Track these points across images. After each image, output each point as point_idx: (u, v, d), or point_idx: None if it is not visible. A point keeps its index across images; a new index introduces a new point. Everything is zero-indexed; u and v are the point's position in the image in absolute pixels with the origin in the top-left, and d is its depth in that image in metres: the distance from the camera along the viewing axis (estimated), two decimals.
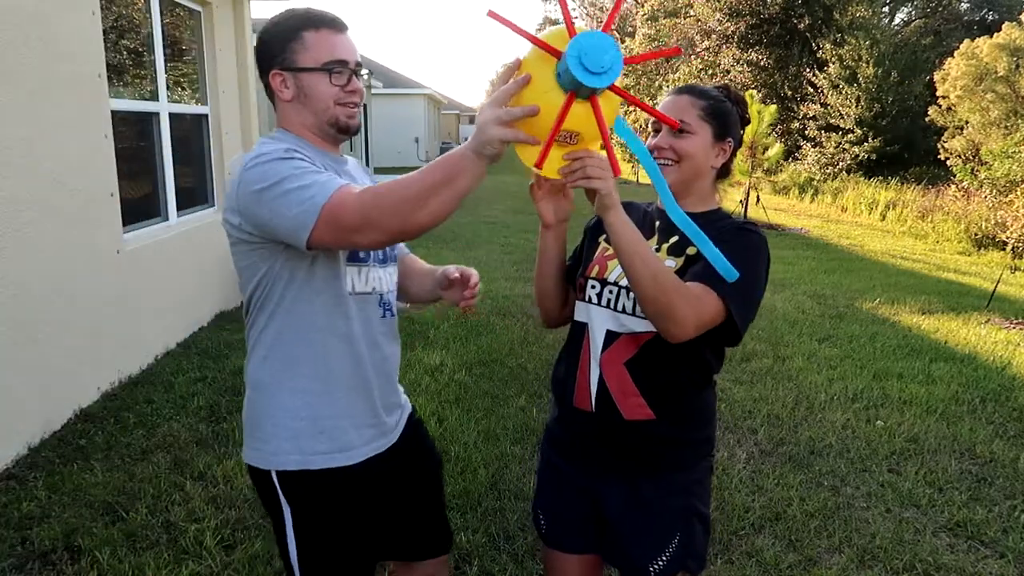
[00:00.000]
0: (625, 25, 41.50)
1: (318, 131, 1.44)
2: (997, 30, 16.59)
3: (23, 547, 2.59)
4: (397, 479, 1.60)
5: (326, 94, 1.39)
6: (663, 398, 1.48)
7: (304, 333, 1.41)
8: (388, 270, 1.56)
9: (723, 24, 21.83)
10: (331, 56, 1.38)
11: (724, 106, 1.52)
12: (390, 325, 1.56)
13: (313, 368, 1.42)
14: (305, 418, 1.43)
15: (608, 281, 1.53)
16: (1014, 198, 7.69)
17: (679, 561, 1.50)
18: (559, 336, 1.73)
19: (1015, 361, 5.03)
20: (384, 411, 1.54)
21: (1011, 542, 2.78)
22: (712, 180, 1.56)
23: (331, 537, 1.49)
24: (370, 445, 1.50)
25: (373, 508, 1.55)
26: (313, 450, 1.43)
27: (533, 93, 1.12)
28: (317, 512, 1.48)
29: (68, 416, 3.64)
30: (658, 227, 1.57)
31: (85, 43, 3.87)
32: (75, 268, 3.74)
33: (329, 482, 1.45)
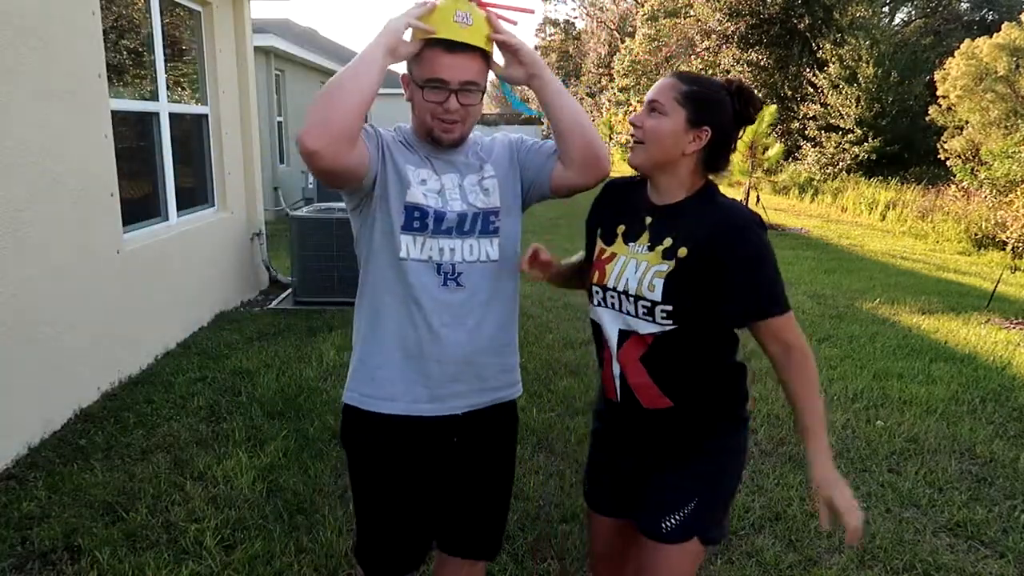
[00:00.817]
0: (625, 25, 41.51)
1: (422, 134, 1.60)
2: (997, 30, 16.59)
3: (23, 547, 2.59)
4: (447, 452, 1.65)
5: (423, 108, 1.53)
6: (679, 387, 1.58)
7: (370, 288, 1.60)
8: (468, 242, 1.58)
9: (723, 24, 21.82)
10: (431, 74, 1.50)
11: (710, 94, 1.53)
12: (459, 296, 1.58)
13: (372, 320, 1.60)
14: (362, 363, 1.62)
15: (607, 287, 1.61)
16: (1014, 198, 7.70)
17: (693, 525, 1.58)
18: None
19: (1015, 361, 5.03)
20: (444, 377, 1.59)
21: (1011, 542, 2.78)
22: (692, 169, 1.56)
23: (374, 477, 1.66)
24: (418, 404, 1.59)
25: (416, 466, 1.64)
26: (362, 392, 1.62)
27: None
28: (362, 451, 1.66)
29: (68, 416, 3.64)
30: (649, 224, 1.59)
31: (85, 43, 3.87)
32: (75, 268, 3.74)
33: (373, 425, 1.61)
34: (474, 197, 1.60)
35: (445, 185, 1.58)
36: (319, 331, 5.20)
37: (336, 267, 5.84)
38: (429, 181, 1.56)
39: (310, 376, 4.29)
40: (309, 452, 3.34)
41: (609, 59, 40.99)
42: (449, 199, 1.57)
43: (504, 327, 1.66)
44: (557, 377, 4.40)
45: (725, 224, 1.50)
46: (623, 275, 1.57)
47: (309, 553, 2.58)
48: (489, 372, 1.64)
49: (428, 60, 1.49)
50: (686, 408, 1.59)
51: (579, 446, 3.49)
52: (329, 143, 1.38)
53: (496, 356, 1.65)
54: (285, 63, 13.00)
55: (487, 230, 1.60)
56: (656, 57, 30.25)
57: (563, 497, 3.01)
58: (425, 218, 1.54)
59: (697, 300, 1.50)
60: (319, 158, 1.38)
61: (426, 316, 1.56)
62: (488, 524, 1.76)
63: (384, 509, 1.66)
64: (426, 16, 1.48)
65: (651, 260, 1.54)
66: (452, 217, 1.56)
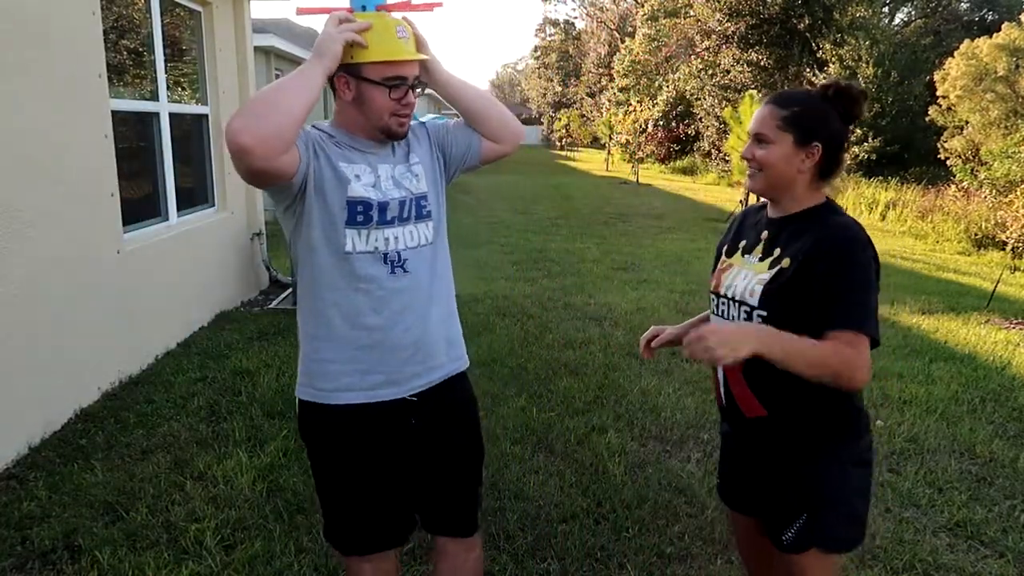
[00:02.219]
0: (625, 25, 41.52)
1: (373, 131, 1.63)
2: (997, 30, 16.59)
3: (23, 546, 2.59)
4: (410, 433, 1.70)
5: (383, 105, 1.58)
6: (775, 397, 1.62)
7: (315, 286, 1.63)
8: (407, 228, 1.65)
9: (723, 24, 21.82)
10: (393, 72, 1.57)
11: (810, 112, 1.59)
12: (406, 281, 1.65)
13: (320, 316, 1.63)
14: (314, 359, 1.66)
15: (721, 294, 1.71)
16: (1014, 198, 7.69)
17: (808, 537, 1.63)
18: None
19: (1015, 361, 5.03)
20: (400, 361, 1.65)
21: (1011, 542, 2.78)
22: (808, 182, 1.62)
23: (334, 469, 1.71)
24: (377, 391, 1.65)
25: (379, 451, 1.69)
26: (318, 386, 1.66)
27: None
28: (324, 443, 1.70)
29: (68, 416, 3.64)
30: (765, 238, 1.67)
31: (85, 43, 3.87)
32: (75, 268, 3.74)
33: (333, 417, 1.66)
34: (408, 183, 1.68)
35: (380, 176, 1.64)
36: None
37: None
38: (363, 175, 1.62)
39: None
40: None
41: (609, 59, 40.97)
42: (385, 189, 1.63)
43: (446, 303, 1.76)
44: (557, 377, 4.40)
45: (828, 240, 1.53)
46: (734, 283, 1.68)
47: (309, 553, 2.58)
48: (439, 349, 1.73)
49: (386, 64, 1.56)
50: (782, 419, 1.63)
51: (579, 446, 3.49)
52: (265, 142, 1.39)
53: (443, 332, 1.74)
54: (285, 63, 13.00)
55: (421, 214, 1.68)
56: (656, 57, 30.25)
57: (563, 497, 3.01)
58: (369, 210, 1.60)
59: (793, 309, 1.54)
60: (253, 157, 1.39)
61: (377, 305, 1.61)
62: (463, 498, 1.82)
63: (350, 494, 1.72)
64: (365, 35, 1.54)
65: (757, 269, 1.64)
66: (394, 206, 1.63)
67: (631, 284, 7.23)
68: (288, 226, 1.64)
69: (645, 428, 3.73)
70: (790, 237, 1.60)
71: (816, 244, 1.53)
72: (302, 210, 1.58)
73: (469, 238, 9.93)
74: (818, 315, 1.50)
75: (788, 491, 1.65)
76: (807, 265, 1.53)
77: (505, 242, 9.71)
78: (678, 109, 26.91)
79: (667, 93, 26.89)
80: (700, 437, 3.62)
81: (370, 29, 1.55)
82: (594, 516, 2.88)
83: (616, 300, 6.45)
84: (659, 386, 4.30)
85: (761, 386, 1.62)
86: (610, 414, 3.87)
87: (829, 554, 1.65)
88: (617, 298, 6.53)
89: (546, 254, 8.83)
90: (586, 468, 3.27)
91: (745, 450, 1.78)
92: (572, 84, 52.43)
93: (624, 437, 3.61)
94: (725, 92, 22.25)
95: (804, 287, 1.52)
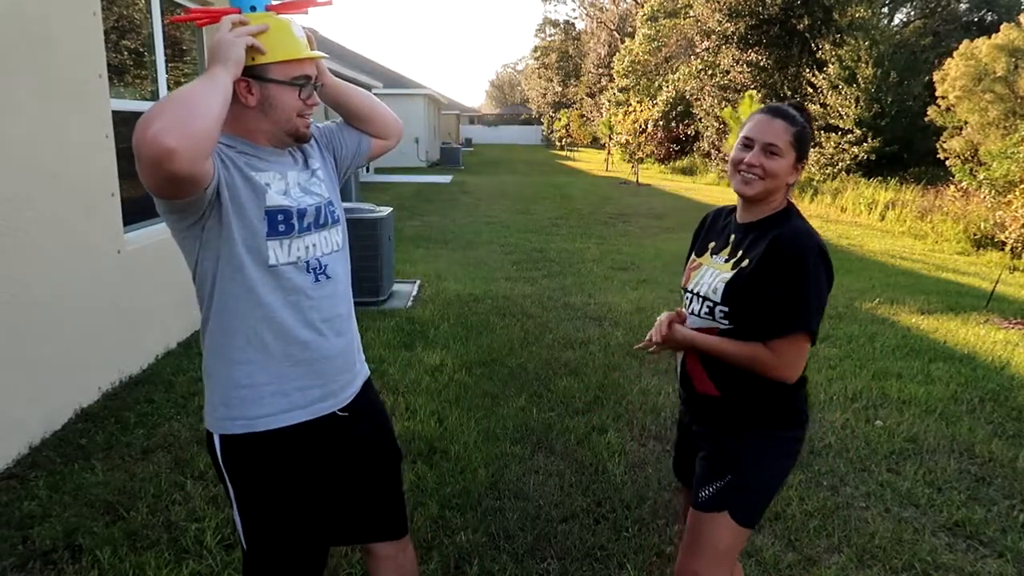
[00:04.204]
0: (625, 25, 41.54)
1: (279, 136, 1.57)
2: (996, 31, 16.60)
3: (24, 546, 2.59)
4: (343, 444, 1.68)
5: (291, 106, 1.53)
6: (727, 380, 1.77)
7: (233, 307, 1.51)
8: (323, 234, 1.62)
9: (723, 24, 21.82)
10: (299, 72, 1.53)
11: (806, 131, 1.75)
12: (329, 288, 1.62)
13: (246, 339, 1.53)
14: (247, 386, 1.54)
15: (689, 290, 1.86)
16: (1013, 198, 7.69)
17: (724, 498, 1.75)
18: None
19: (1014, 361, 5.04)
20: (333, 371, 1.63)
21: (1010, 541, 2.79)
22: (785, 193, 1.80)
23: (271, 502, 1.59)
24: (315, 405, 1.60)
25: (317, 472, 1.63)
26: (251, 415, 1.54)
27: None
28: (258, 474, 1.58)
29: (69, 416, 3.65)
30: (732, 240, 1.81)
31: (86, 43, 3.88)
32: (76, 268, 3.74)
33: (268, 444, 1.55)
34: (316, 188, 1.65)
35: (288, 183, 1.59)
36: None
37: None
38: (274, 183, 1.55)
39: None
40: None
41: (609, 59, 41.00)
42: (295, 196, 1.58)
43: (353, 307, 1.75)
44: (557, 377, 4.40)
45: (781, 244, 1.67)
46: (701, 280, 1.82)
47: None
48: (356, 355, 1.74)
49: (291, 63, 1.52)
50: (731, 399, 1.78)
51: (579, 446, 3.49)
52: (193, 143, 1.27)
53: (357, 337, 1.75)
54: None
55: (332, 219, 1.66)
56: (656, 57, 30.28)
57: (563, 497, 3.02)
58: (290, 219, 1.54)
59: (749, 305, 1.70)
60: (178, 160, 1.26)
61: (307, 316, 1.57)
62: (394, 501, 1.82)
63: (280, 528, 1.61)
64: (264, 37, 1.49)
65: (722, 269, 1.78)
66: (311, 212, 1.59)
67: (631, 284, 7.23)
68: (192, 247, 1.51)
69: (645, 428, 3.74)
70: (753, 241, 1.75)
71: (769, 248, 1.67)
72: (216, 225, 1.46)
73: (469, 238, 9.93)
74: (768, 319, 1.66)
75: (720, 457, 1.79)
76: (760, 265, 1.68)
77: (505, 242, 9.71)
78: (678, 109, 26.92)
79: (667, 93, 26.89)
80: None
81: (267, 30, 1.51)
82: (594, 516, 2.89)
83: (616, 300, 6.45)
84: (659, 386, 4.30)
85: (715, 368, 1.78)
86: (610, 414, 3.88)
87: (736, 524, 1.74)
88: (617, 298, 6.54)
89: (546, 254, 8.84)
90: (586, 468, 3.28)
91: (691, 424, 1.92)
92: (572, 84, 52.44)
93: (624, 437, 3.61)
94: (725, 92, 22.27)
95: (758, 287, 1.68)
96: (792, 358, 1.67)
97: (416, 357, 4.67)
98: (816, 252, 1.65)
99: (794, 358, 1.67)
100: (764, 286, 1.67)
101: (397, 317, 5.63)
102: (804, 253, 1.65)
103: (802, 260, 1.64)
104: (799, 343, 1.66)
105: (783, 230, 1.70)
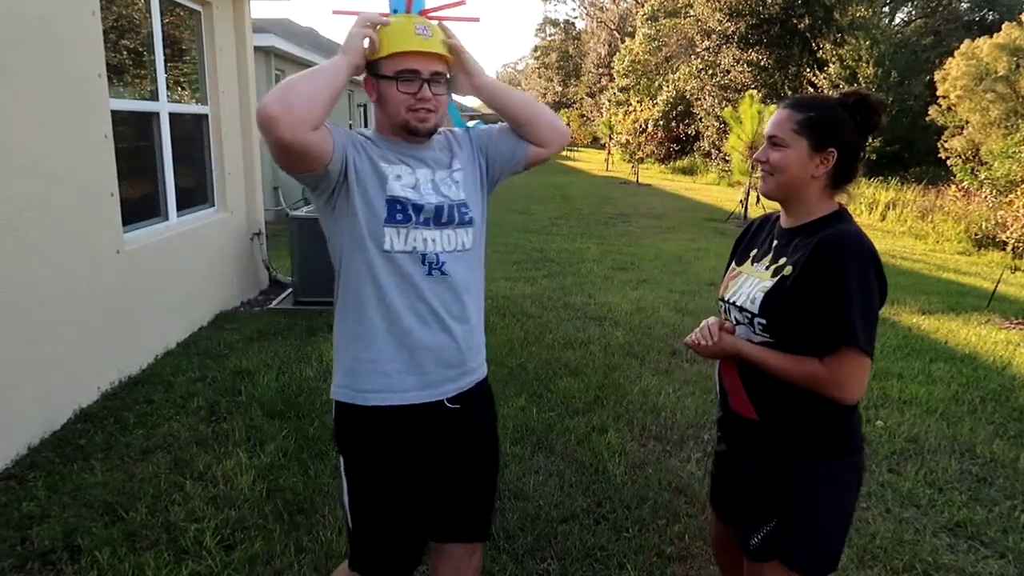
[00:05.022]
0: (625, 25, 41.53)
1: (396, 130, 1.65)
2: (997, 30, 16.58)
3: (23, 547, 2.59)
4: (445, 437, 1.70)
5: (397, 100, 1.59)
6: (767, 402, 1.62)
7: (354, 283, 1.64)
8: (445, 232, 1.65)
9: (723, 24, 21.82)
10: (404, 66, 1.57)
11: (827, 117, 1.58)
12: (441, 283, 1.65)
13: (359, 314, 1.64)
14: (353, 358, 1.65)
15: (725, 299, 1.73)
16: (1014, 198, 7.69)
17: (773, 547, 1.61)
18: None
19: (1015, 361, 5.03)
20: (435, 364, 1.65)
21: (1011, 542, 2.78)
22: (820, 189, 1.61)
23: (372, 478, 1.67)
24: (410, 393, 1.64)
25: (416, 458, 1.67)
26: (356, 387, 1.65)
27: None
28: (358, 446, 1.68)
29: (68, 416, 3.64)
30: (774, 246, 1.67)
31: (85, 43, 3.87)
32: (75, 268, 3.74)
33: (367, 419, 1.64)
34: (447, 189, 1.68)
35: (419, 180, 1.64)
36: (319, 331, 5.19)
37: None
38: (404, 176, 1.63)
39: (310, 376, 4.29)
40: (309, 452, 3.34)
41: (609, 59, 40.99)
42: (424, 193, 1.64)
43: (477, 312, 1.77)
44: (557, 377, 4.40)
45: (823, 249, 1.51)
46: (740, 289, 1.68)
47: (309, 553, 2.57)
48: (470, 355, 1.73)
49: (398, 57, 1.58)
50: (772, 425, 1.63)
51: (579, 446, 3.49)
52: (292, 111, 1.42)
53: (474, 339, 1.75)
54: (285, 63, 13.00)
55: (463, 221, 1.68)
56: (656, 57, 30.27)
57: (563, 497, 3.01)
58: (407, 210, 1.60)
59: (791, 318, 1.55)
60: (280, 126, 1.41)
61: (415, 305, 1.62)
62: (481, 505, 1.82)
63: (381, 507, 1.67)
64: (385, 31, 1.58)
65: (762, 277, 1.64)
66: (430, 208, 1.62)
67: (631, 284, 7.23)
68: (328, 222, 1.64)
69: (645, 428, 3.73)
70: (797, 246, 1.59)
71: (812, 255, 1.52)
72: (345, 204, 1.59)
73: None
74: (821, 335, 1.51)
75: (762, 497, 1.64)
76: (803, 274, 1.53)
77: (505, 242, 9.70)
78: (678, 109, 26.91)
79: (667, 93, 26.90)
80: (700, 437, 3.61)
81: (388, 26, 1.58)
82: (594, 516, 2.88)
83: (616, 300, 6.45)
84: (659, 386, 4.30)
85: (755, 387, 1.63)
86: (610, 414, 3.87)
87: (792, 572, 1.61)
88: (617, 298, 6.53)
89: (546, 254, 8.83)
90: (586, 468, 3.27)
91: (734, 453, 1.76)
92: (572, 84, 52.43)
93: (624, 437, 3.61)
94: (725, 92, 22.26)
95: (802, 298, 1.52)
96: (846, 377, 1.50)
97: None
98: (864, 258, 1.49)
99: (849, 376, 1.50)
100: (806, 296, 1.51)
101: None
102: (847, 259, 1.49)
103: (845, 267, 1.48)
104: (854, 359, 1.49)
105: (827, 233, 1.53)
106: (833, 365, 1.50)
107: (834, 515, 1.62)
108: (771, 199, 1.67)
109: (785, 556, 1.61)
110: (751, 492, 1.67)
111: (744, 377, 1.65)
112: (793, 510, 1.60)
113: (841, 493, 1.62)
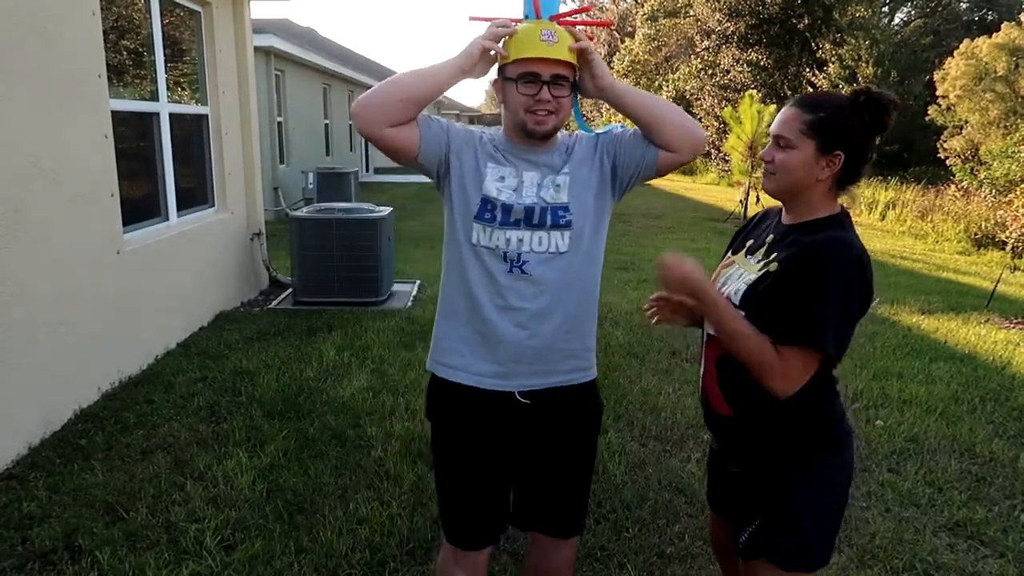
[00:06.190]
0: (625, 25, 41.54)
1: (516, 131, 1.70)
2: (996, 30, 16.59)
3: (23, 547, 2.59)
4: (523, 429, 1.75)
5: (517, 102, 1.64)
6: (740, 398, 1.63)
7: (449, 268, 1.75)
8: (536, 234, 1.67)
9: (723, 24, 21.82)
10: (525, 69, 1.61)
11: (837, 118, 1.54)
12: (524, 283, 1.68)
13: (449, 296, 1.76)
14: (440, 334, 1.78)
15: None
16: (1013, 198, 7.69)
17: (758, 545, 1.62)
18: None
19: (1015, 361, 5.03)
20: (507, 356, 1.69)
21: (1011, 542, 2.78)
22: (824, 190, 1.58)
23: (451, 441, 1.79)
24: (482, 378, 1.71)
25: (491, 441, 1.75)
26: (438, 360, 1.77)
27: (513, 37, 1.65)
28: (442, 416, 1.80)
29: (68, 416, 3.64)
30: (769, 241, 1.65)
31: (85, 43, 3.87)
32: (75, 268, 3.74)
33: (449, 392, 1.76)
34: (545, 192, 1.69)
35: (524, 182, 1.69)
36: (319, 331, 5.20)
37: (336, 267, 5.83)
38: (507, 178, 1.69)
39: (310, 376, 4.29)
40: (309, 452, 3.34)
41: (609, 59, 40.95)
42: (524, 195, 1.68)
43: (572, 316, 1.72)
44: None
45: (810, 250, 1.49)
46: (728, 280, 1.68)
47: (309, 553, 2.58)
48: (553, 357, 1.72)
49: (522, 62, 1.62)
50: (748, 422, 1.63)
51: None
52: (365, 110, 1.57)
53: (561, 343, 1.72)
54: (285, 63, 13.00)
55: (557, 223, 1.67)
56: (656, 57, 30.25)
57: None
58: (494, 210, 1.66)
59: (770, 313, 1.52)
60: (357, 120, 1.59)
61: (491, 298, 1.68)
62: (564, 502, 1.85)
63: (457, 474, 1.79)
64: (510, 38, 1.63)
65: (750, 270, 1.63)
66: (519, 210, 1.66)
67: (631, 284, 7.23)
68: (444, 204, 1.76)
69: (645, 428, 3.73)
70: (790, 244, 1.56)
71: (797, 252, 1.51)
72: (449, 194, 1.71)
73: None
74: (780, 326, 1.50)
75: (746, 496, 1.66)
76: (786, 271, 1.52)
77: None
78: None
79: (667, 93, 26.88)
80: (700, 437, 3.61)
81: (515, 33, 1.63)
82: (594, 516, 2.88)
83: (616, 300, 6.45)
84: (659, 386, 4.30)
85: (729, 383, 1.64)
86: (610, 414, 3.87)
87: (780, 569, 1.60)
88: (617, 298, 6.53)
89: None
90: None
91: (721, 450, 1.79)
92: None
93: (624, 437, 3.61)
94: (725, 92, 22.26)
95: (780, 292, 1.51)
96: (794, 372, 1.48)
97: (416, 357, 4.66)
98: (850, 265, 1.46)
99: (797, 373, 1.49)
100: (785, 292, 1.50)
101: (397, 317, 5.62)
102: (831, 262, 1.46)
103: (829, 269, 1.46)
104: (806, 359, 1.48)
105: (818, 236, 1.51)
106: (787, 356, 1.48)
107: (818, 511, 1.60)
108: (774, 197, 1.66)
109: (769, 554, 1.61)
110: (737, 490, 1.70)
111: (720, 372, 1.65)
112: (775, 508, 1.61)
113: (825, 489, 1.60)
